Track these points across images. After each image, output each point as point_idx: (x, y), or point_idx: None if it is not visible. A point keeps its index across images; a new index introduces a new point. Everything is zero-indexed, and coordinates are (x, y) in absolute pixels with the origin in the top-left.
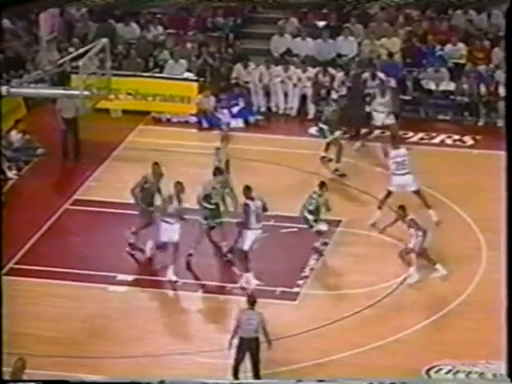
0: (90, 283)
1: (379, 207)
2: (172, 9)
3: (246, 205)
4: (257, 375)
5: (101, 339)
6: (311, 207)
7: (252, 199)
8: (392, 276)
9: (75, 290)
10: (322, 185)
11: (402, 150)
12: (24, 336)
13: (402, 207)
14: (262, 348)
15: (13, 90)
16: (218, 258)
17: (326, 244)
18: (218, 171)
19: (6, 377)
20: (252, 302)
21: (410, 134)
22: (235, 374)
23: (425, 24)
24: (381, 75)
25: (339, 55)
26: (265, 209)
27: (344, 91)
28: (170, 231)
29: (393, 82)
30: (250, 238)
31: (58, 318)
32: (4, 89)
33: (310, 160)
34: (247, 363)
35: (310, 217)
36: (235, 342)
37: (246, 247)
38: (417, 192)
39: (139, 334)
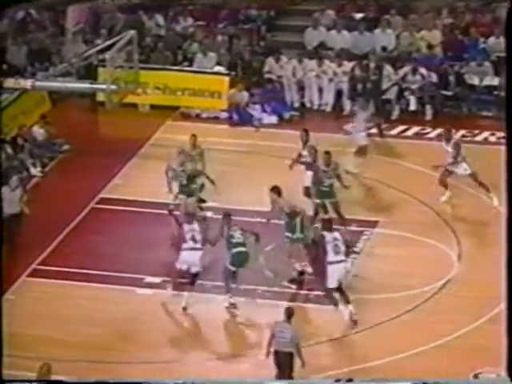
0: (118, 285)
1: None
2: (203, 0)
3: None
4: None
5: (127, 343)
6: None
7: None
8: (432, 279)
9: (101, 292)
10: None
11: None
12: (48, 340)
13: None
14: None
15: (38, 83)
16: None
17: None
18: None
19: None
20: (289, 315)
21: (452, 131)
22: None
23: (467, 16)
24: (422, 70)
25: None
26: None
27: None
28: None
29: (434, 77)
30: None
31: (82, 321)
32: (29, 82)
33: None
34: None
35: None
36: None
37: None
38: None
39: (166, 338)
